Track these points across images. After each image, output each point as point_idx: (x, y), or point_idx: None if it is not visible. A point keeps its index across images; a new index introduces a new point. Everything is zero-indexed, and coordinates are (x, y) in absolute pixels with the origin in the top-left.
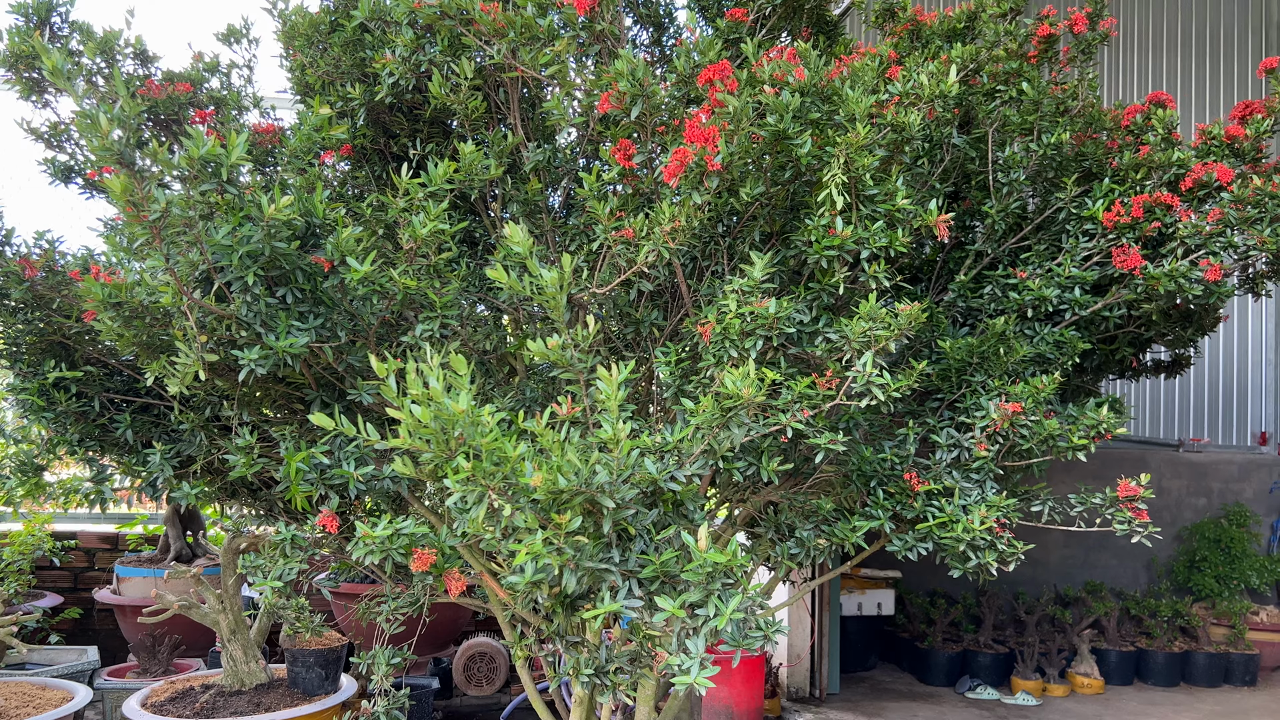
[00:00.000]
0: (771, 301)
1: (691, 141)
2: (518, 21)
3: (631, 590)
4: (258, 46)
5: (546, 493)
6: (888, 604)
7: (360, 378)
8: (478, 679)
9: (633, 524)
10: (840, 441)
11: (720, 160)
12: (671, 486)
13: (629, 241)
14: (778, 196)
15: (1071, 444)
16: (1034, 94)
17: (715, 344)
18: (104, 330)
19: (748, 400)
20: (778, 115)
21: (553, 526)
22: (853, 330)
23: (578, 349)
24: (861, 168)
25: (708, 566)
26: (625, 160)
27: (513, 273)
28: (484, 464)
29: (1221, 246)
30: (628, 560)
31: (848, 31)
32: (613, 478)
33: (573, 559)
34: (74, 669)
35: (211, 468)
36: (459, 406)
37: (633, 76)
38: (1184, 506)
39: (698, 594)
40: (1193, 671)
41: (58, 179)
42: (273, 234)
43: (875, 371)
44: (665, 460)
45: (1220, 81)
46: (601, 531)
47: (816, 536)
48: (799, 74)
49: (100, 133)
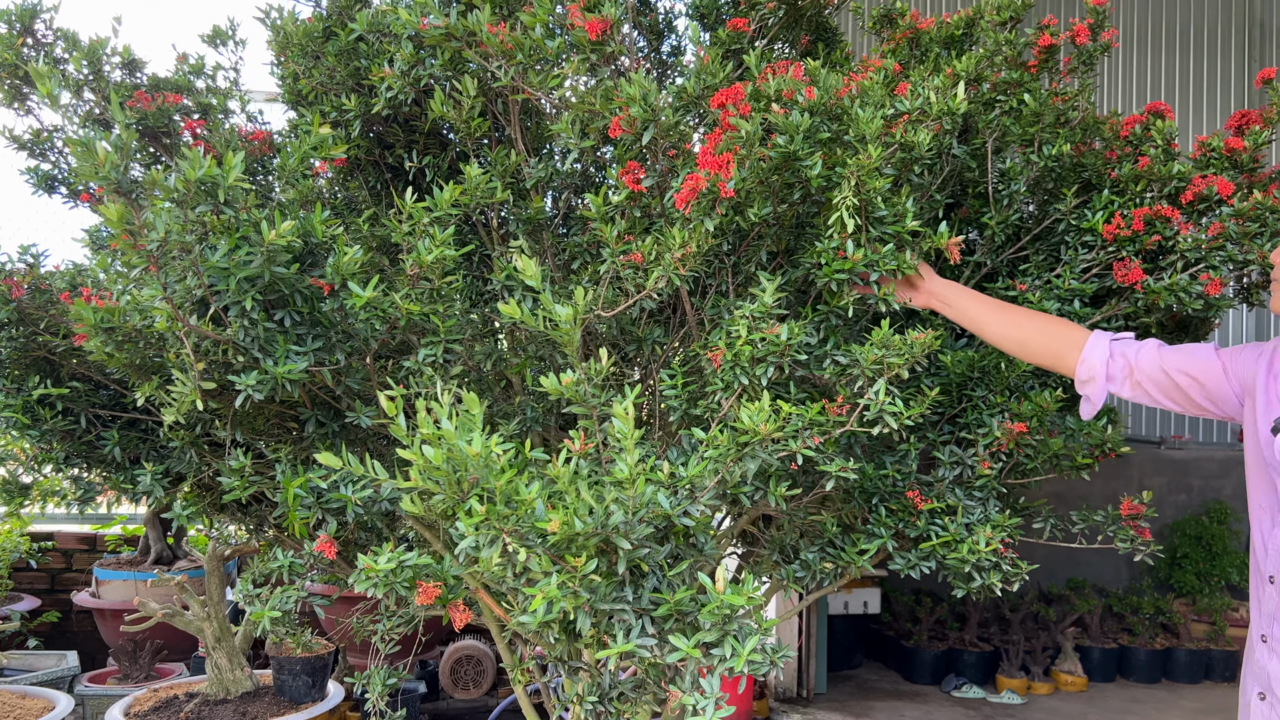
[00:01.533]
0: (784, 328)
1: (704, 168)
2: (526, 44)
3: (645, 628)
4: (244, 48)
5: (563, 536)
6: (874, 602)
7: (359, 400)
8: (464, 682)
9: (645, 561)
10: (851, 469)
11: (733, 186)
12: (685, 522)
13: (637, 266)
14: (785, 216)
15: (1076, 463)
16: (1035, 105)
17: (726, 370)
18: (95, 352)
19: (765, 435)
20: (788, 136)
21: (567, 569)
22: (865, 358)
23: (591, 383)
24: (873, 190)
25: (725, 609)
26: (634, 184)
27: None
28: (498, 507)
29: (1221, 260)
30: (641, 598)
31: (845, 36)
32: (628, 517)
33: (588, 602)
34: (54, 675)
35: (202, 484)
36: (473, 449)
37: (645, 101)
38: (1165, 503)
39: (714, 634)
40: (1174, 668)
41: (41, 189)
42: (272, 258)
43: (888, 400)
44: (679, 495)
45: (1205, 82)
46: (615, 571)
47: (822, 560)
48: (809, 93)
49: (96, 162)
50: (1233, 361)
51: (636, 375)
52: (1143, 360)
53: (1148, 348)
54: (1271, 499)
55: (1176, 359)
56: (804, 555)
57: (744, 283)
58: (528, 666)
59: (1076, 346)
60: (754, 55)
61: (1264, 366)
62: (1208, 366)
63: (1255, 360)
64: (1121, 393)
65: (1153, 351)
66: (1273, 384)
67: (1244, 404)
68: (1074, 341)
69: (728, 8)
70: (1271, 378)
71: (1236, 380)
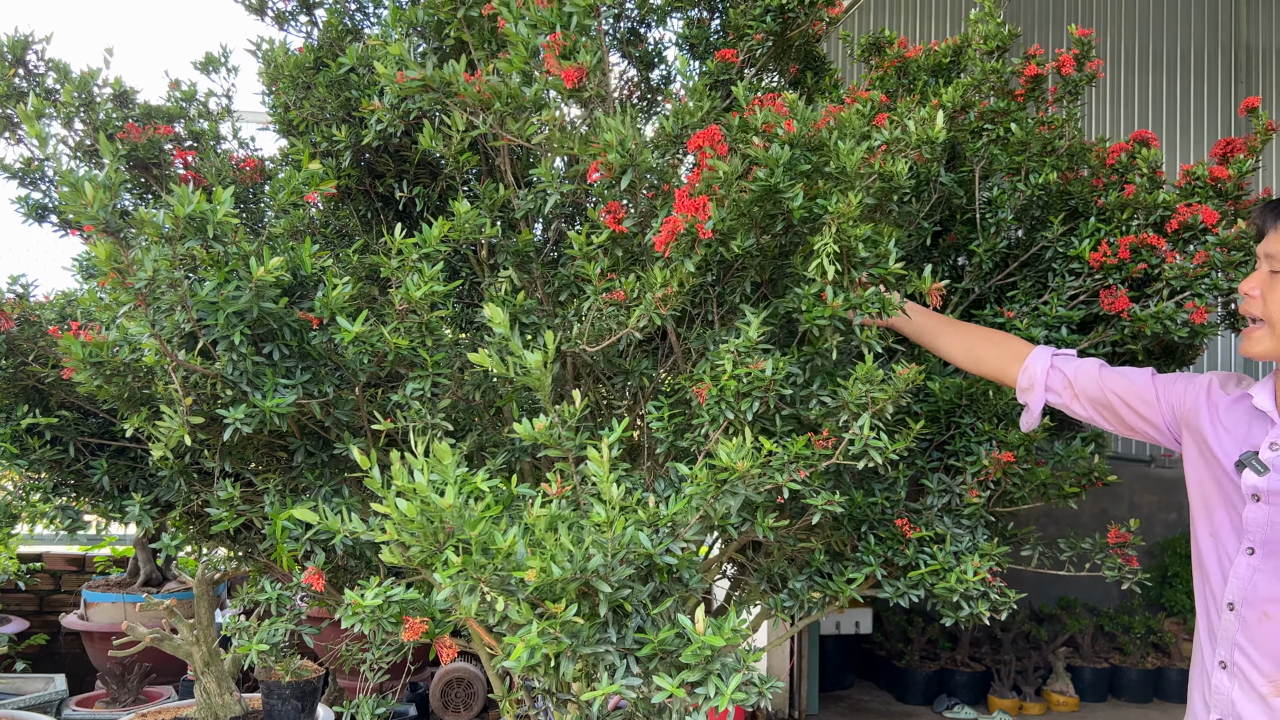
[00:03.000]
0: (768, 363)
1: (681, 211)
2: (504, 92)
3: (630, 668)
4: (237, 75)
5: (540, 583)
6: (865, 622)
7: (348, 431)
8: (455, 704)
9: (628, 601)
10: (838, 502)
11: (711, 227)
12: (668, 560)
13: (620, 304)
14: (769, 246)
15: (1063, 491)
16: (1022, 134)
17: (711, 405)
18: (84, 385)
19: (743, 472)
20: (768, 170)
21: (548, 615)
22: (850, 394)
23: (566, 426)
24: (854, 237)
25: (706, 650)
26: (615, 224)
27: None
28: (474, 556)
29: (1206, 288)
30: (625, 638)
31: (834, 64)
32: (608, 560)
33: (569, 647)
34: (41, 699)
35: (191, 512)
36: (446, 501)
37: (622, 147)
38: (1155, 522)
39: (697, 674)
40: (1166, 687)
41: (32, 218)
42: (260, 293)
43: (873, 435)
44: (660, 533)
45: (1193, 105)
46: (598, 614)
47: (810, 589)
48: (788, 126)
49: (84, 200)
50: (1165, 389)
51: (626, 404)
52: (1081, 376)
53: (1088, 365)
54: (1237, 525)
55: (1113, 380)
56: (792, 584)
57: (729, 312)
58: (518, 697)
59: (1020, 357)
60: (742, 86)
61: (1204, 401)
62: (1141, 391)
63: (1186, 390)
64: (1059, 404)
65: (1093, 370)
66: (1218, 421)
67: (1176, 432)
68: (1019, 353)
69: (717, 38)
70: (1216, 414)
71: (1167, 406)
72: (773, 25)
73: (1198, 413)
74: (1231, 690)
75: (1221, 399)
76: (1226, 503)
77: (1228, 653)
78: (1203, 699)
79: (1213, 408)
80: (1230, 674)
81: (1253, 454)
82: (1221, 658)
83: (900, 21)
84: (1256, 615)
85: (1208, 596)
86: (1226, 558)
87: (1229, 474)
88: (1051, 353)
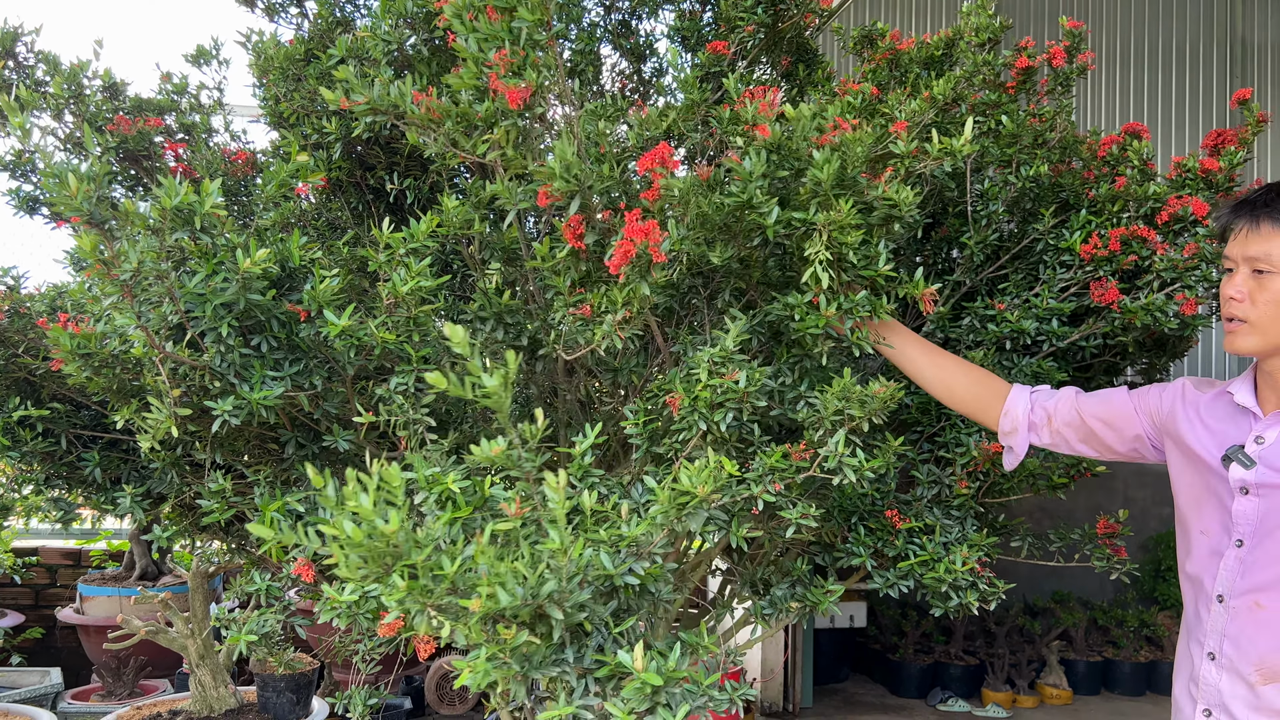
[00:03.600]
0: (742, 375)
1: (630, 235)
2: (454, 111)
3: (588, 688)
4: (228, 68)
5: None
6: (860, 616)
7: (337, 423)
8: (450, 697)
9: (588, 621)
10: (814, 515)
11: (668, 249)
12: (629, 580)
13: (586, 320)
14: (752, 255)
15: (1052, 482)
16: (1013, 127)
17: (685, 414)
18: (73, 376)
19: (704, 497)
20: (740, 185)
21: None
22: (825, 408)
23: (525, 447)
24: (846, 245)
25: (646, 689)
26: (575, 240)
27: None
28: (420, 582)
29: (1196, 280)
30: (583, 658)
31: (826, 57)
32: (562, 585)
33: (520, 672)
34: (37, 692)
35: (183, 504)
36: (389, 528)
37: (568, 173)
38: (1149, 516)
39: (644, 704)
40: (1159, 681)
41: (22, 210)
42: (248, 285)
43: (848, 451)
44: (623, 553)
45: (1187, 98)
46: (552, 637)
47: (790, 599)
48: (762, 130)
49: (69, 192)
50: (1140, 401)
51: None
52: (1060, 409)
53: (1065, 396)
54: (1225, 520)
55: (1091, 405)
56: (774, 592)
57: (720, 314)
58: None
59: (1000, 398)
60: (733, 79)
61: (1179, 405)
62: (1119, 408)
63: (1161, 398)
64: (1041, 441)
65: (1070, 399)
66: (1199, 422)
67: (1157, 439)
68: (998, 393)
69: (708, 30)
70: (1194, 414)
71: (1146, 416)
72: (764, 17)
73: (1174, 417)
74: (1220, 680)
75: (1199, 399)
76: (1215, 499)
77: (1216, 644)
78: (1187, 693)
79: (1190, 409)
80: (1219, 665)
81: (1239, 448)
82: (1210, 649)
83: (893, 14)
84: (1247, 605)
85: (1196, 591)
86: (1216, 553)
87: (1215, 470)
88: (1029, 391)
